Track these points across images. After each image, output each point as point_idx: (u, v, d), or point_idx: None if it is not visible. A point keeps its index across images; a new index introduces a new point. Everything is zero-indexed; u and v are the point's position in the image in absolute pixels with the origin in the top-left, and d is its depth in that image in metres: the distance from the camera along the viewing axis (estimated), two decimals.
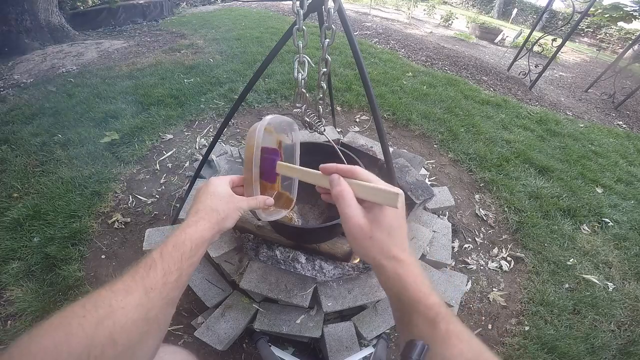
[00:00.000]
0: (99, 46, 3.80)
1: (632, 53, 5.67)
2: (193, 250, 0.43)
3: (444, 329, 0.37)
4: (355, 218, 0.40)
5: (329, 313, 1.14)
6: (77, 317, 0.32)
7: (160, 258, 0.40)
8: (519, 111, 3.14)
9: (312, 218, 1.32)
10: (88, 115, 2.30)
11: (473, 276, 1.54)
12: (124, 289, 0.36)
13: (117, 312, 0.33)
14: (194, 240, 0.44)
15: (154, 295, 0.37)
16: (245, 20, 5.10)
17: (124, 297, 0.35)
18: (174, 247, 0.42)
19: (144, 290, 0.36)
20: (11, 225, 1.50)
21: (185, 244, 0.43)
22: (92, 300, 0.34)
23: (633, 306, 1.51)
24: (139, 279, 0.37)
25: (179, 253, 0.41)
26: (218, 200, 0.50)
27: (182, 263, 0.41)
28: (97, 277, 1.38)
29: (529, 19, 13.34)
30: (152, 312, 0.36)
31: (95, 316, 0.32)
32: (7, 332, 1.19)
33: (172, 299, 0.40)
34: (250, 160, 0.55)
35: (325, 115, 1.40)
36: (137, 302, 0.35)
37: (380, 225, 0.40)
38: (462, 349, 0.36)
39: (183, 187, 1.78)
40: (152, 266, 0.39)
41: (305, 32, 0.80)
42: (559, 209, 1.96)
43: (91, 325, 0.31)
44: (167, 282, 0.39)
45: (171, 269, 0.40)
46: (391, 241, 0.40)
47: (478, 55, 5.31)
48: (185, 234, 0.44)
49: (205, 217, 0.47)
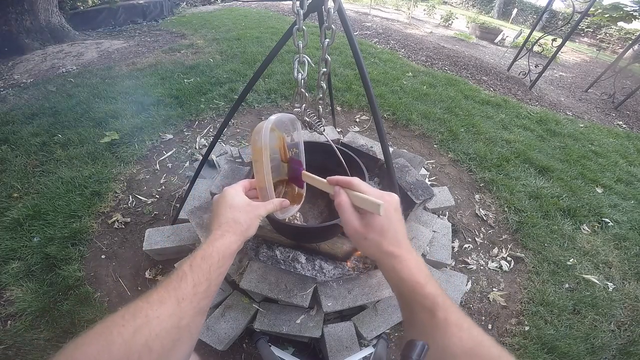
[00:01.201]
0: (99, 46, 3.80)
1: (632, 53, 5.67)
2: (220, 262, 0.45)
3: (442, 318, 0.38)
4: (351, 222, 0.48)
5: (329, 313, 1.14)
6: (117, 326, 0.34)
7: (190, 270, 0.42)
8: (519, 111, 3.14)
9: (311, 217, 1.32)
10: (88, 115, 2.30)
11: (473, 276, 1.54)
12: (158, 299, 0.38)
13: (152, 321, 0.36)
14: (221, 252, 0.46)
15: (185, 305, 0.39)
16: (245, 20, 5.10)
17: (158, 307, 0.37)
18: (202, 259, 0.44)
19: (176, 300, 0.39)
20: (11, 225, 1.50)
21: (213, 256, 0.45)
22: (130, 311, 0.36)
23: (633, 306, 1.51)
24: (171, 290, 0.40)
25: (207, 265, 0.44)
26: (238, 212, 0.52)
27: (210, 274, 0.43)
28: (97, 277, 1.38)
29: (529, 19, 13.34)
30: (184, 321, 0.39)
31: (133, 325, 0.34)
32: (7, 332, 1.18)
33: (202, 308, 0.42)
34: (261, 164, 0.56)
35: (325, 115, 1.41)
36: (171, 312, 0.38)
37: (373, 228, 0.46)
38: (461, 337, 0.37)
39: (183, 187, 1.78)
40: (182, 278, 0.41)
41: (305, 32, 0.80)
42: (559, 209, 1.96)
43: (129, 333, 0.34)
44: (197, 292, 0.41)
45: (200, 280, 0.42)
46: (384, 240, 0.45)
47: (478, 55, 5.31)
48: (213, 247, 0.46)
49: (230, 230, 0.50)
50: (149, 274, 1.39)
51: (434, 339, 0.38)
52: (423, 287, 0.41)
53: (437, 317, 0.39)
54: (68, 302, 1.27)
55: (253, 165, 0.60)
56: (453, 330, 0.37)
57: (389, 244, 0.45)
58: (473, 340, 0.37)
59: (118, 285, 1.37)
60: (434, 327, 0.39)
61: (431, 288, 0.42)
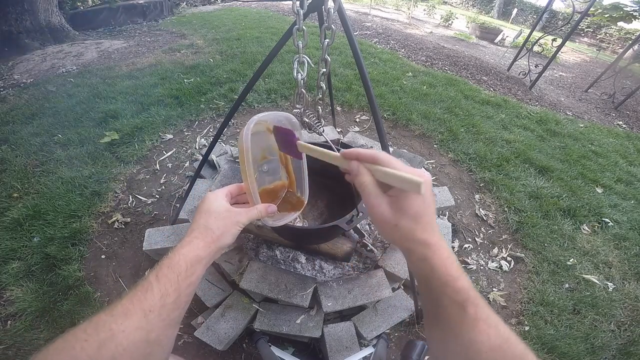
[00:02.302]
0: (99, 46, 3.80)
1: (632, 53, 5.67)
2: (189, 270, 0.42)
3: (472, 313, 0.36)
4: (378, 207, 0.40)
5: (329, 313, 1.14)
6: (79, 340, 0.32)
7: (156, 280, 0.40)
8: (519, 111, 3.14)
9: (311, 218, 1.32)
10: (88, 115, 2.31)
11: (473, 276, 1.54)
12: (122, 312, 0.36)
13: (118, 335, 0.34)
14: (189, 260, 0.43)
15: (152, 317, 0.37)
16: (245, 20, 5.10)
17: (123, 320, 0.35)
18: (169, 268, 0.41)
19: (143, 312, 0.37)
20: (11, 225, 1.50)
21: (180, 264, 0.42)
22: (92, 324, 0.34)
23: (633, 306, 1.51)
24: (136, 301, 0.37)
25: (174, 274, 0.41)
26: (213, 219, 0.49)
27: (179, 284, 0.41)
28: (97, 277, 1.38)
29: (529, 19, 13.33)
30: (152, 334, 0.37)
31: (97, 339, 0.33)
32: (7, 332, 1.18)
33: (172, 319, 0.40)
34: (243, 165, 0.51)
35: (325, 116, 1.40)
36: (137, 325, 0.36)
37: (406, 213, 0.39)
38: (489, 334, 0.36)
39: (183, 187, 1.78)
40: (148, 289, 0.39)
41: (305, 32, 0.80)
42: (559, 209, 1.96)
43: (93, 348, 0.32)
44: (165, 303, 0.39)
45: (168, 291, 0.39)
46: (418, 227, 0.39)
47: (478, 55, 5.31)
48: (180, 255, 0.43)
49: (199, 236, 0.47)
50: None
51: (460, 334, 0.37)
52: (456, 281, 0.38)
53: (467, 312, 0.36)
54: (68, 302, 1.26)
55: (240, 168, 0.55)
56: (482, 327, 0.36)
57: (423, 230, 0.39)
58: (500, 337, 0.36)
59: (118, 285, 1.37)
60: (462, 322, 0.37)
61: (464, 282, 0.38)
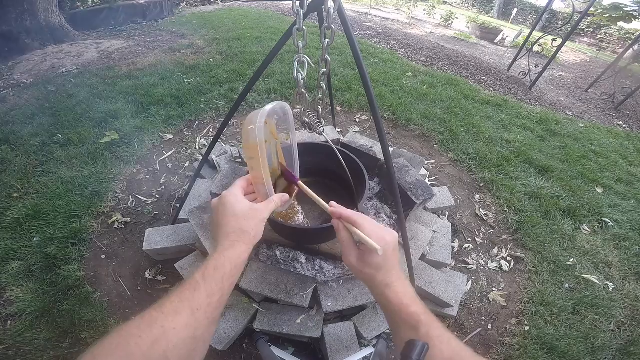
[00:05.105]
0: (99, 46, 3.80)
1: (632, 53, 5.66)
2: (232, 272, 0.46)
3: (424, 333, 0.43)
4: (349, 256, 0.52)
5: (329, 313, 1.14)
6: (133, 337, 0.34)
7: (203, 280, 0.42)
8: (519, 111, 3.14)
9: (312, 218, 1.32)
10: (88, 115, 2.30)
11: (473, 276, 1.54)
12: (173, 310, 0.38)
13: (169, 332, 0.36)
14: (233, 262, 0.46)
15: (199, 315, 0.39)
16: (245, 20, 5.10)
17: (173, 318, 0.37)
18: (215, 270, 0.44)
19: (191, 311, 0.39)
20: (11, 225, 1.50)
21: (225, 266, 0.45)
22: (145, 321, 0.36)
23: (633, 306, 1.51)
24: (185, 300, 0.40)
25: (220, 275, 0.44)
26: (243, 220, 0.51)
27: (223, 284, 0.44)
28: (97, 277, 1.38)
29: (529, 19, 13.33)
30: (199, 331, 0.39)
31: (149, 336, 0.34)
32: (7, 332, 1.18)
33: (215, 317, 0.42)
34: (257, 161, 0.53)
35: (325, 116, 1.40)
36: (186, 323, 0.38)
37: (369, 265, 0.50)
38: (441, 349, 0.41)
39: (183, 187, 1.78)
40: (196, 288, 0.41)
41: (305, 32, 0.80)
42: (559, 209, 1.96)
43: (147, 345, 0.34)
44: (211, 302, 0.41)
45: (214, 290, 0.42)
46: (378, 274, 0.49)
47: (478, 55, 5.31)
48: (225, 257, 0.46)
49: (239, 240, 0.50)
50: (149, 274, 1.39)
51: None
52: (408, 307, 0.46)
53: (420, 333, 0.43)
54: (68, 302, 1.26)
55: (247, 161, 0.58)
56: (434, 343, 0.41)
57: (384, 275, 0.49)
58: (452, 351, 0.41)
59: (118, 285, 1.37)
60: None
61: (416, 308, 0.46)
